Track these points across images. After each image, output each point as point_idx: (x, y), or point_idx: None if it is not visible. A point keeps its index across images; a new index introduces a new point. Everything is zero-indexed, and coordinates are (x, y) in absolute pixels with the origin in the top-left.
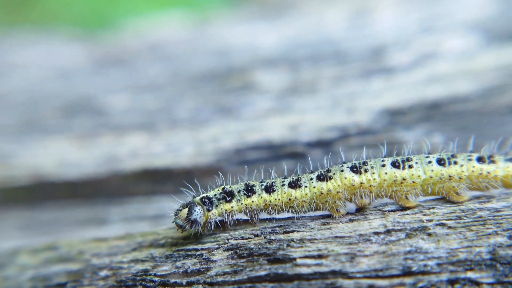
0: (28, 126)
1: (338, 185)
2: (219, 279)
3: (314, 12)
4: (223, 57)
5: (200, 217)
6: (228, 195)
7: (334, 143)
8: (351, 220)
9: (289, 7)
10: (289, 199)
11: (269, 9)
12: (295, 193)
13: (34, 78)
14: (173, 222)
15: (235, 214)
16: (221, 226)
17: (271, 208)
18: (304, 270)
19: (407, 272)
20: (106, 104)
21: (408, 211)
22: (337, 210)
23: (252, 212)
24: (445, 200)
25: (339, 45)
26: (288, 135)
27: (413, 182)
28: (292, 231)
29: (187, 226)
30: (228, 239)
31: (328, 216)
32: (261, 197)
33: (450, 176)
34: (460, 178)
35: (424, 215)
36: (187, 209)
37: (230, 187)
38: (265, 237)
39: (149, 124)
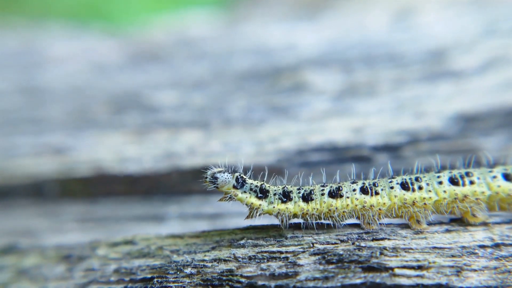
0: (80, 121)
1: (384, 203)
2: (310, 284)
3: (353, 13)
4: (265, 56)
5: (222, 181)
6: (261, 192)
7: (402, 148)
8: (448, 231)
9: (325, 7)
10: (329, 209)
11: (304, 9)
12: (336, 203)
13: (73, 72)
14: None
15: (260, 213)
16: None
17: (309, 216)
18: (405, 281)
19: None
20: (154, 100)
21: None
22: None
23: (284, 217)
24: None
25: (391, 46)
26: (352, 138)
27: (476, 199)
28: (383, 239)
29: (208, 178)
30: (313, 243)
31: None
32: (298, 206)
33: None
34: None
35: None
36: (221, 169)
37: (269, 186)
38: (353, 243)
39: (202, 122)
